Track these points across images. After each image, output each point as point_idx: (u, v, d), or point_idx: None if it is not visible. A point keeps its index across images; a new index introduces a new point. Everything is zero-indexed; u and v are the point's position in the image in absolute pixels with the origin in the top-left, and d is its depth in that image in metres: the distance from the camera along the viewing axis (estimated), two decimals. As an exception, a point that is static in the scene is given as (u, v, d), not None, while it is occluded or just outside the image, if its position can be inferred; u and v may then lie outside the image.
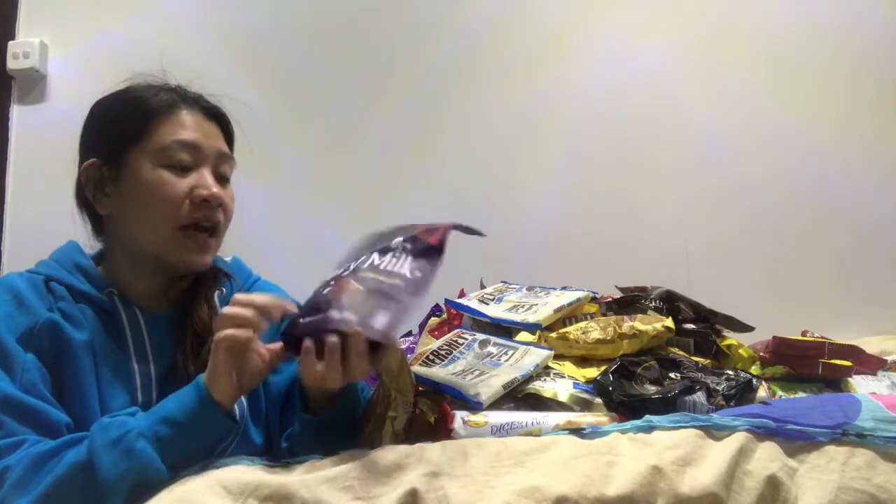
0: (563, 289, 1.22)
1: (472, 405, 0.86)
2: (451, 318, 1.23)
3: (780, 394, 0.99)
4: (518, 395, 0.91)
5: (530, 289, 1.24)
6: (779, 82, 1.73)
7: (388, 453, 0.73)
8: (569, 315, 1.14)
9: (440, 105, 1.91)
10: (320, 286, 0.86)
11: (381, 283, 0.83)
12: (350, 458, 0.73)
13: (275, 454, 0.93)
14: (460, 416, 0.83)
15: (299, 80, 1.98)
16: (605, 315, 1.15)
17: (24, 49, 2.07)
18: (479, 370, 0.94)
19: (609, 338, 1.02)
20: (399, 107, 1.92)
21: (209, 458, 0.78)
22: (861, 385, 1.04)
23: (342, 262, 0.90)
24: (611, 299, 1.22)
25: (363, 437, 0.89)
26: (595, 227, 1.77)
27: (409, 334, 1.39)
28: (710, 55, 1.77)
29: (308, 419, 0.90)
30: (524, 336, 1.07)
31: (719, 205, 1.72)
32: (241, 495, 0.69)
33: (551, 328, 1.09)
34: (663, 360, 0.99)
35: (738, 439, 0.73)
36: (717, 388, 0.89)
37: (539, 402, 0.90)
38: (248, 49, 2.00)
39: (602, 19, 1.83)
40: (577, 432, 0.77)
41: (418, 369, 0.96)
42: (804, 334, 1.31)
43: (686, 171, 1.75)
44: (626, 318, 1.07)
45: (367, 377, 0.85)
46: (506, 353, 0.99)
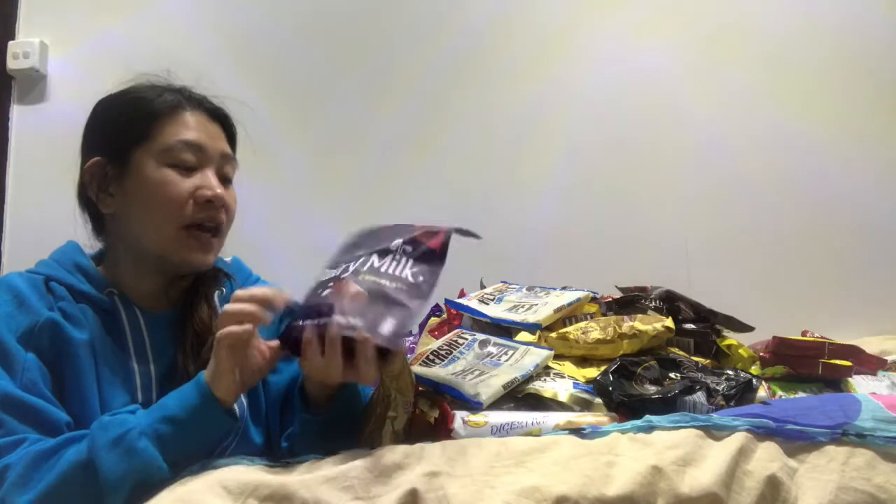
0: (563, 289, 1.22)
1: (472, 405, 0.86)
2: (451, 318, 1.23)
3: (780, 394, 0.99)
4: (518, 395, 0.91)
5: (530, 289, 1.24)
6: (779, 82, 1.73)
7: (388, 453, 0.73)
8: (569, 315, 1.14)
9: (440, 105, 1.91)
10: (316, 286, 0.86)
11: (384, 286, 0.83)
12: (350, 458, 0.73)
13: (275, 454, 0.94)
14: (460, 416, 0.83)
15: (299, 80, 1.98)
16: (605, 315, 1.15)
17: (24, 49, 2.07)
18: (479, 370, 0.94)
19: (609, 338, 1.02)
20: (399, 107, 1.92)
21: (209, 458, 0.78)
22: (861, 385, 1.04)
23: (334, 261, 0.90)
24: (611, 299, 1.22)
25: (363, 437, 0.89)
26: (595, 227, 1.77)
27: (409, 334, 1.39)
28: (710, 55, 1.77)
29: (308, 418, 0.90)
30: (524, 336, 1.07)
31: (719, 205, 1.72)
32: (241, 495, 0.69)
33: (551, 328, 1.09)
34: (663, 360, 0.99)
35: (738, 439, 0.73)
36: (717, 388, 0.89)
37: (539, 402, 0.90)
38: (248, 49, 2.01)
39: (602, 19, 1.83)
40: (577, 432, 0.77)
41: (418, 369, 0.96)
42: (804, 334, 1.31)
43: (686, 171, 1.75)
44: (626, 318, 1.07)
45: (376, 381, 0.85)
46: (506, 353, 0.99)
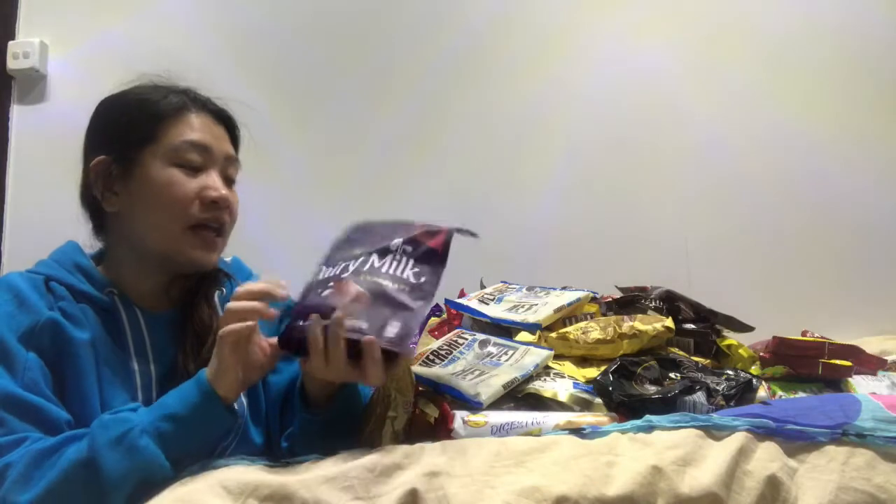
0: (563, 289, 1.22)
1: (472, 405, 0.86)
2: (451, 318, 1.23)
3: (780, 394, 0.99)
4: (518, 395, 0.91)
5: (530, 289, 1.24)
6: (779, 82, 1.73)
7: (388, 453, 0.73)
8: (569, 315, 1.14)
9: (440, 105, 1.91)
10: (315, 285, 0.86)
11: (386, 287, 0.83)
12: (350, 458, 0.73)
13: (275, 454, 0.94)
14: (460, 416, 0.83)
15: (299, 80, 1.98)
16: (605, 315, 1.15)
17: (24, 49, 2.07)
18: (479, 370, 0.94)
19: (609, 338, 1.02)
20: (399, 107, 1.92)
21: (209, 459, 0.78)
22: (861, 385, 1.04)
23: (331, 259, 0.90)
24: (611, 299, 1.22)
25: (363, 437, 0.89)
26: (595, 227, 1.77)
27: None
28: (710, 55, 1.77)
29: (308, 418, 0.90)
30: (524, 336, 1.07)
31: (719, 205, 1.72)
32: (241, 495, 0.69)
33: (551, 328, 1.09)
34: (663, 360, 0.99)
35: (738, 439, 0.73)
36: (717, 388, 0.89)
37: (539, 402, 0.90)
38: (248, 49, 2.00)
39: (602, 19, 1.83)
40: (577, 432, 0.77)
41: (418, 369, 0.96)
42: (804, 334, 1.31)
43: (686, 171, 1.75)
44: (626, 318, 1.07)
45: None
46: (506, 353, 0.99)
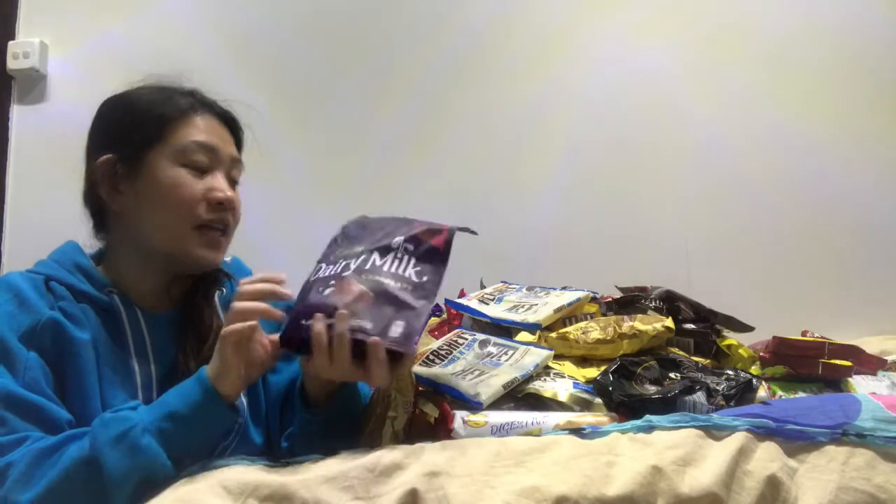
0: (563, 289, 1.22)
1: (472, 405, 0.86)
2: (451, 318, 1.23)
3: (780, 394, 0.99)
4: (518, 395, 0.91)
5: (530, 289, 1.24)
6: (779, 82, 1.73)
7: (388, 453, 0.73)
8: (569, 315, 1.14)
9: (440, 105, 1.91)
10: (315, 283, 0.86)
11: (388, 286, 0.83)
12: (350, 458, 0.73)
13: (275, 454, 0.94)
14: (460, 416, 0.83)
15: (299, 80, 1.98)
16: (605, 315, 1.15)
17: (24, 49, 2.07)
18: (479, 370, 0.94)
19: (609, 338, 1.02)
20: (399, 107, 1.92)
21: (209, 459, 0.78)
22: (861, 385, 1.04)
23: (331, 257, 0.90)
24: (611, 299, 1.22)
25: (363, 437, 0.89)
26: (595, 227, 1.77)
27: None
28: (710, 55, 1.77)
29: (308, 418, 0.90)
30: (524, 336, 1.07)
31: (719, 205, 1.72)
32: (241, 495, 0.69)
33: (551, 328, 1.09)
34: (663, 360, 0.99)
35: (738, 439, 0.73)
36: (717, 388, 0.89)
37: (539, 402, 0.90)
38: (248, 49, 2.00)
39: (602, 19, 1.83)
40: (577, 432, 0.77)
41: (418, 369, 0.96)
42: (804, 334, 1.31)
43: (686, 171, 1.75)
44: (626, 318, 1.07)
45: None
46: (506, 353, 0.99)
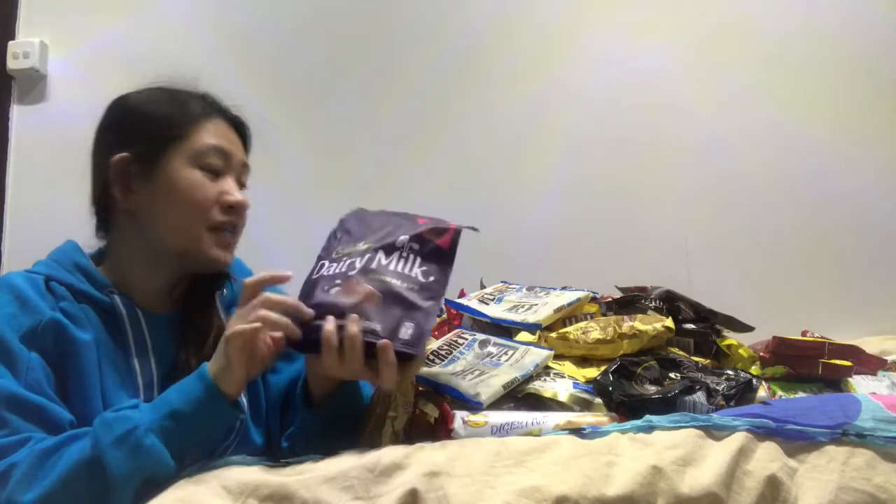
0: (563, 289, 1.21)
1: (472, 405, 0.86)
2: (451, 318, 1.23)
3: (780, 394, 0.99)
4: (518, 395, 0.91)
5: (530, 289, 1.24)
6: (779, 82, 1.73)
7: (388, 453, 0.73)
8: (569, 315, 1.13)
9: (440, 105, 1.91)
10: (319, 281, 0.85)
11: (395, 286, 0.83)
12: (350, 458, 0.73)
13: (275, 454, 0.94)
14: (460, 416, 0.83)
15: (299, 80, 1.98)
16: (605, 315, 1.15)
17: (24, 49, 2.07)
18: (479, 370, 0.94)
19: (609, 338, 1.02)
20: (399, 107, 1.92)
21: (209, 459, 0.78)
22: (861, 385, 1.04)
23: (332, 254, 0.89)
24: (611, 299, 1.22)
25: (363, 437, 0.89)
26: (595, 227, 1.77)
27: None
28: (710, 55, 1.77)
29: (309, 416, 0.90)
30: (524, 336, 1.07)
31: (719, 205, 1.72)
32: (241, 495, 0.69)
33: (551, 328, 1.09)
34: (663, 360, 0.99)
35: (738, 439, 0.73)
36: (717, 388, 0.89)
37: (539, 402, 0.90)
38: (248, 49, 2.00)
39: (602, 19, 1.83)
40: (577, 432, 0.77)
41: (418, 369, 0.96)
42: (804, 334, 1.31)
43: (686, 171, 1.75)
44: (626, 318, 1.07)
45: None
46: (506, 353, 0.99)
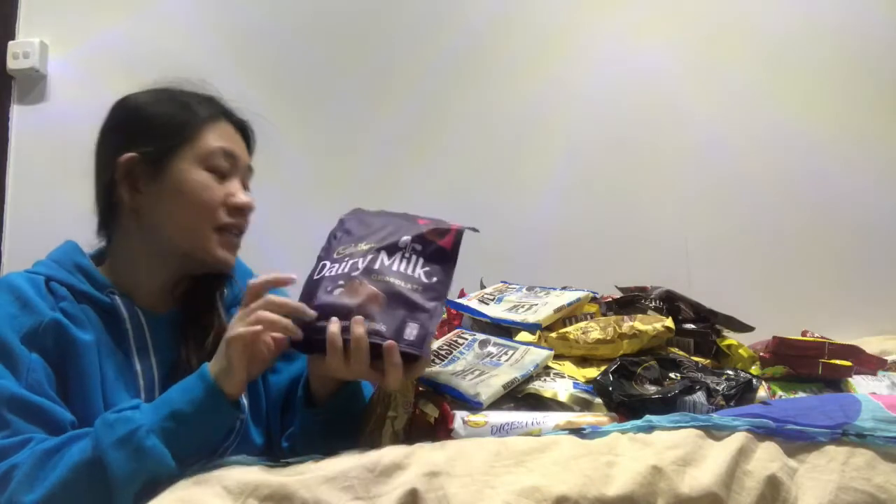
0: (563, 289, 1.21)
1: (472, 405, 0.86)
2: (451, 318, 1.23)
3: (780, 394, 0.99)
4: (518, 395, 0.91)
5: (530, 289, 1.24)
6: (779, 82, 1.73)
7: (388, 453, 0.73)
8: (569, 315, 1.13)
9: (440, 105, 1.91)
10: (321, 282, 0.85)
11: (398, 287, 0.83)
12: (350, 458, 0.73)
13: (275, 454, 0.94)
14: (460, 416, 0.83)
15: (299, 80, 1.98)
16: (605, 315, 1.15)
17: (24, 49, 2.07)
18: (479, 370, 0.94)
19: (609, 338, 1.02)
20: (399, 107, 1.92)
21: (209, 459, 0.78)
22: (861, 385, 1.04)
23: (333, 254, 0.89)
24: (611, 299, 1.22)
25: (363, 437, 0.89)
26: (595, 227, 1.77)
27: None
28: (710, 55, 1.77)
29: (311, 415, 0.90)
30: (524, 336, 1.07)
31: (719, 205, 1.72)
32: (241, 495, 0.69)
33: (551, 328, 1.09)
34: (663, 360, 0.99)
35: (738, 439, 0.73)
36: (717, 388, 0.89)
37: (539, 402, 0.90)
38: (248, 49, 2.00)
39: (602, 19, 1.83)
40: (577, 432, 0.77)
41: (418, 369, 0.96)
42: (804, 334, 1.31)
43: (686, 171, 1.75)
44: (626, 318, 1.07)
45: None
46: (506, 353, 0.99)
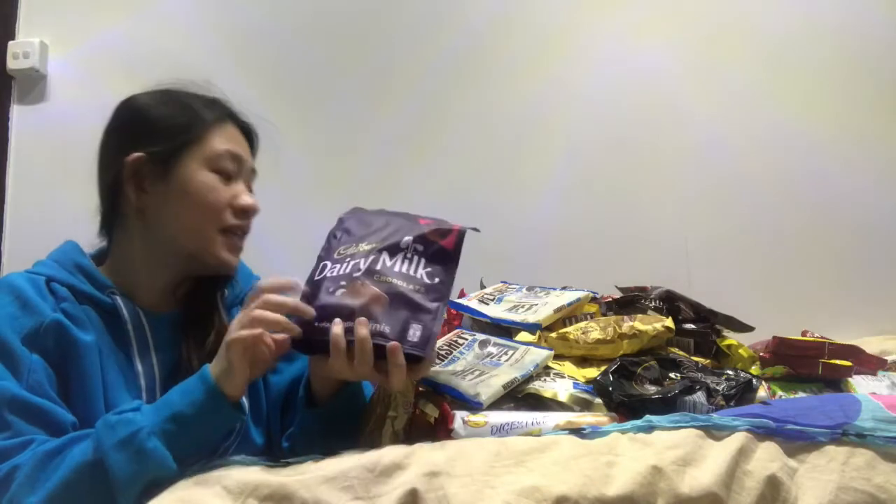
0: (563, 289, 1.22)
1: (472, 405, 0.86)
2: (451, 318, 1.23)
3: (780, 394, 0.99)
4: (518, 395, 0.91)
5: (530, 289, 1.24)
6: (779, 82, 1.72)
7: (388, 453, 0.73)
8: (569, 315, 1.14)
9: (440, 105, 1.91)
10: (322, 283, 0.85)
11: (401, 287, 0.83)
12: (350, 458, 0.73)
13: (275, 454, 0.94)
14: (460, 416, 0.83)
15: (299, 80, 1.98)
16: (605, 315, 1.15)
17: (24, 49, 2.07)
18: (479, 370, 0.94)
19: (609, 338, 1.02)
20: (399, 107, 1.92)
21: (209, 459, 0.78)
22: (861, 385, 1.04)
23: (334, 255, 0.89)
24: (611, 299, 1.22)
25: (363, 436, 0.89)
26: (595, 227, 1.77)
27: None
28: (710, 55, 1.77)
29: (312, 415, 0.90)
30: (524, 336, 1.07)
31: (719, 205, 1.72)
32: (241, 495, 0.69)
33: (551, 328, 1.09)
34: (663, 360, 0.99)
35: (738, 439, 0.73)
36: (717, 388, 0.89)
37: (539, 402, 0.90)
38: (248, 49, 2.00)
39: (602, 19, 1.83)
40: (577, 432, 0.77)
41: (418, 369, 0.96)
42: (804, 334, 1.31)
43: (686, 171, 1.75)
44: (626, 318, 1.07)
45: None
46: (506, 353, 0.99)
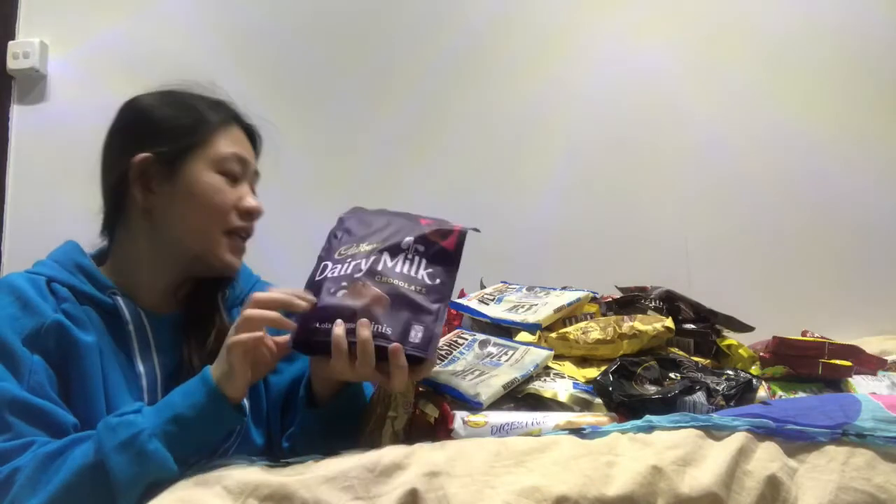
0: (563, 289, 1.22)
1: (472, 405, 0.86)
2: (450, 318, 1.23)
3: (780, 394, 0.99)
4: (518, 396, 0.91)
5: (530, 289, 1.24)
6: (779, 82, 1.72)
7: (388, 453, 0.73)
8: (569, 315, 1.14)
9: (440, 105, 1.91)
10: (323, 283, 0.85)
11: (402, 288, 0.83)
12: (350, 458, 0.73)
13: (275, 454, 0.94)
14: (460, 416, 0.83)
15: (299, 80, 1.98)
16: (605, 315, 1.15)
17: (24, 49, 2.07)
18: (479, 370, 0.94)
19: (609, 338, 1.02)
20: (399, 107, 1.92)
21: (209, 459, 0.79)
22: (861, 385, 1.04)
23: (334, 255, 0.89)
24: (611, 299, 1.22)
25: (363, 436, 0.89)
26: (595, 227, 1.77)
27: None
28: (710, 55, 1.77)
29: (312, 415, 0.90)
30: (524, 336, 1.07)
31: (719, 205, 1.72)
32: (241, 495, 0.69)
33: (551, 328, 1.09)
34: (663, 360, 0.99)
35: (738, 439, 0.73)
36: (717, 388, 0.89)
37: (539, 402, 0.90)
38: (248, 49, 2.00)
39: (602, 19, 1.83)
40: (577, 432, 0.77)
41: (418, 369, 0.96)
42: (804, 334, 1.31)
43: (686, 171, 1.75)
44: (626, 318, 1.07)
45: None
46: (506, 353, 0.99)
